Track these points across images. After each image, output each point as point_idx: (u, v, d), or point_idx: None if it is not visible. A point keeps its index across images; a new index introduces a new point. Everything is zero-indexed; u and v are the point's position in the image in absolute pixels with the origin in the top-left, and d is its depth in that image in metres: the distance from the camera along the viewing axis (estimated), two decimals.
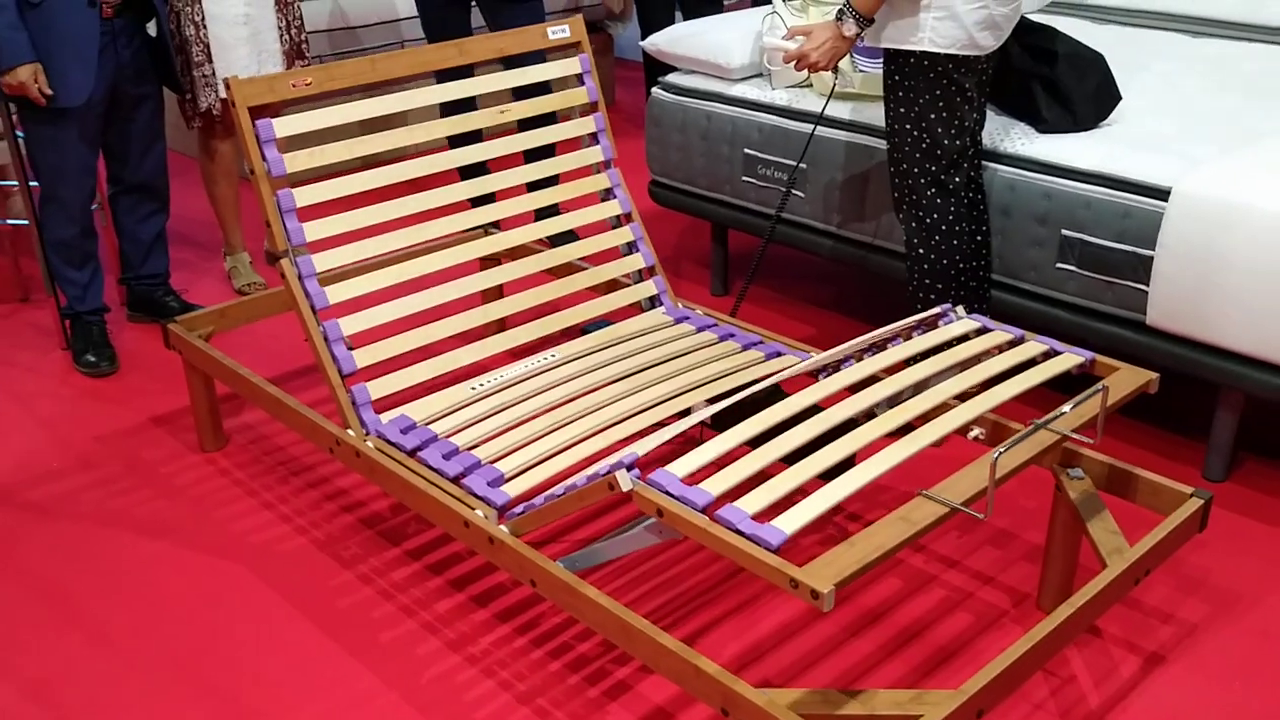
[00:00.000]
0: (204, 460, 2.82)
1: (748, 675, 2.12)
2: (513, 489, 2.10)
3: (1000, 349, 2.23)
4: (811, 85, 3.22)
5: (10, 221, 3.69)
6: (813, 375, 2.30)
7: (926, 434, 1.90)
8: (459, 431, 2.28)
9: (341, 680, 2.14)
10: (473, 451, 2.21)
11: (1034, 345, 2.22)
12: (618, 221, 2.81)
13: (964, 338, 2.27)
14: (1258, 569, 2.38)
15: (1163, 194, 2.51)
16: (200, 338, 2.72)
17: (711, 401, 2.38)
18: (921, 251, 2.71)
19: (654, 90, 3.54)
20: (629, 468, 1.83)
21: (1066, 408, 1.94)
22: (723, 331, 2.65)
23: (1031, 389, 2.07)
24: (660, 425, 2.32)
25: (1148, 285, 2.55)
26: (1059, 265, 2.70)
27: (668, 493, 1.78)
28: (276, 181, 2.37)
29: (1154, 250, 2.51)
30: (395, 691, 2.10)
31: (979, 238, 2.74)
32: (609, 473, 1.84)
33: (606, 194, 2.82)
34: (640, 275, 2.80)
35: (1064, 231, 2.67)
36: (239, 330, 3.45)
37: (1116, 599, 1.91)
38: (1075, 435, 1.97)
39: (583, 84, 2.82)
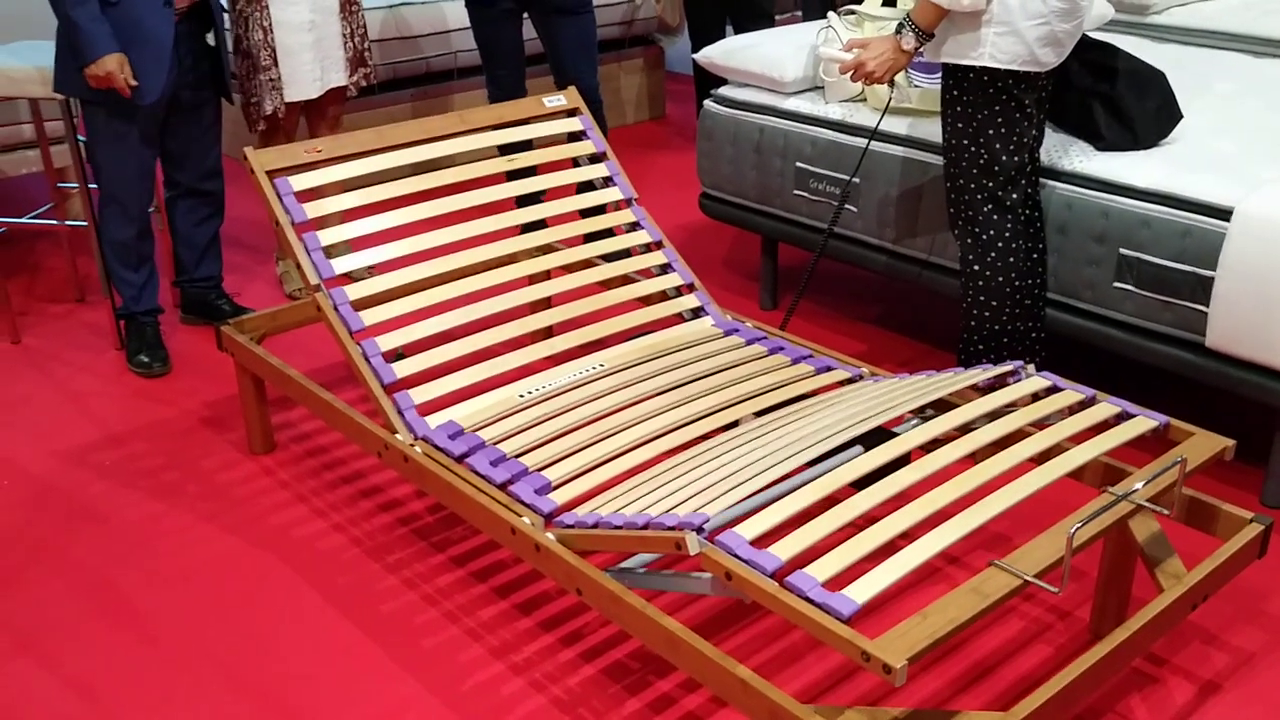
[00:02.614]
0: (253, 462, 2.84)
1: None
2: (559, 497, 2.10)
3: (1071, 410, 2.19)
4: (866, 99, 3.20)
5: (69, 223, 3.75)
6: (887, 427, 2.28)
7: (1000, 499, 1.87)
8: (506, 438, 2.27)
9: (384, 685, 2.14)
10: (520, 459, 2.20)
11: (1106, 407, 2.18)
12: (646, 249, 2.85)
13: (1034, 396, 2.24)
14: None
15: (1224, 214, 2.47)
16: (252, 340, 2.74)
17: (760, 414, 2.36)
18: (977, 269, 2.68)
19: (706, 103, 3.53)
20: (698, 529, 1.81)
21: (1139, 483, 1.93)
22: (772, 345, 2.63)
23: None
24: (707, 437, 2.30)
25: (1207, 306, 2.50)
26: (1116, 284, 2.66)
27: (736, 556, 1.76)
28: (300, 227, 2.52)
29: (1215, 271, 2.47)
30: (437, 698, 2.10)
31: (1035, 255, 2.71)
32: (676, 526, 1.82)
33: (633, 227, 2.86)
34: (679, 291, 2.81)
35: (1122, 250, 2.63)
36: (290, 334, 3.48)
37: (1172, 625, 1.87)
38: (1154, 508, 1.94)
39: (587, 138, 2.97)
